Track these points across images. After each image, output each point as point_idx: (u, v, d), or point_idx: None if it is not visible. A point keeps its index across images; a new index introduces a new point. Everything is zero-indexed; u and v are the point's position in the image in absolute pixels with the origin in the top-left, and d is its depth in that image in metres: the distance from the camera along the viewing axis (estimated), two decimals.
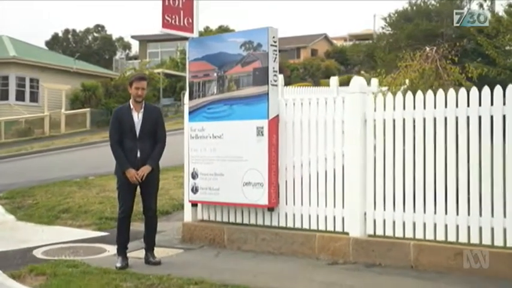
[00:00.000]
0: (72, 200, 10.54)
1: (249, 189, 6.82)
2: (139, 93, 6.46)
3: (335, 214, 6.38)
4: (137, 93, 6.46)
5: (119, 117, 6.52)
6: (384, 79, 8.80)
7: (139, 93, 6.46)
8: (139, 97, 6.48)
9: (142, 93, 6.48)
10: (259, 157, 6.75)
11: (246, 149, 6.86)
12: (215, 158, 7.16)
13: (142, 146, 6.45)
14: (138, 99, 6.49)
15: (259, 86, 6.77)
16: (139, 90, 6.46)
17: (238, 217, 7.17)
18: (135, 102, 6.52)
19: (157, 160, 6.55)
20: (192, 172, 7.39)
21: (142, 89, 6.48)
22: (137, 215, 7.53)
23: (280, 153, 6.80)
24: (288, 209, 6.75)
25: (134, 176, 6.32)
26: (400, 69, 8.67)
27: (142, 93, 6.48)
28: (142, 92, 6.48)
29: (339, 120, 6.40)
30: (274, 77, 6.78)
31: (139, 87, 6.47)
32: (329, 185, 6.43)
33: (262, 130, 6.73)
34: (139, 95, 6.46)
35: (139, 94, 6.46)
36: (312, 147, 6.60)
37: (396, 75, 8.60)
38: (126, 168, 6.35)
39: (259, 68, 6.79)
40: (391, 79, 8.47)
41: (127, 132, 6.47)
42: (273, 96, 6.76)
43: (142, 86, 6.49)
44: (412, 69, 8.17)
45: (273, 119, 6.75)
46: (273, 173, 6.73)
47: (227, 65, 7.07)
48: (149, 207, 6.59)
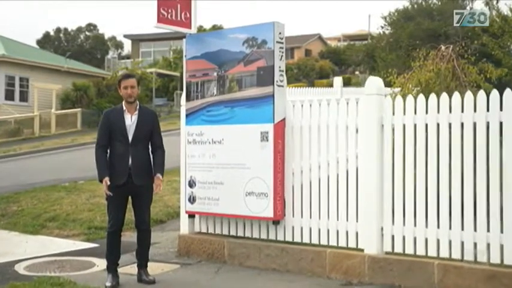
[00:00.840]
0: (59, 207, 9.90)
1: (252, 200, 6.21)
2: (129, 93, 5.85)
3: (348, 228, 5.78)
4: (127, 93, 5.85)
5: (109, 120, 5.91)
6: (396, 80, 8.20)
7: (129, 92, 5.85)
8: (130, 97, 5.86)
9: (132, 92, 5.87)
10: (263, 165, 6.15)
11: (249, 155, 6.26)
12: (215, 165, 6.55)
13: (134, 153, 5.84)
14: (130, 99, 5.88)
15: (263, 86, 6.17)
16: (128, 89, 5.85)
17: (239, 230, 6.56)
18: (128, 103, 5.91)
19: (164, 168, 5.94)
20: (189, 180, 6.78)
21: (131, 88, 5.87)
22: (129, 224, 6.93)
23: (287, 160, 6.20)
24: (295, 222, 6.15)
25: (105, 188, 5.72)
26: (414, 69, 8.09)
27: (132, 92, 5.86)
28: (132, 91, 5.86)
29: (353, 125, 5.80)
30: (280, 76, 6.18)
31: (127, 86, 5.86)
32: (341, 196, 5.83)
33: (267, 135, 6.12)
34: (129, 94, 5.85)
35: (129, 93, 5.85)
36: (322, 154, 6.00)
37: (409, 76, 8.02)
38: (102, 177, 5.75)
39: (263, 67, 6.19)
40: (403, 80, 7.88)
41: (118, 137, 5.86)
42: (279, 98, 6.15)
43: (130, 84, 5.88)
44: (427, 69, 7.59)
45: (279, 123, 6.14)
46: (278, 182, 6.12)
47: (228, 64, 6.47)
48: (142, 221, 5.97)
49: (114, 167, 5.83)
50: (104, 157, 5.85)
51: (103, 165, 5.81)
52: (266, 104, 6.14)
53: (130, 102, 5.90)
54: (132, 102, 5.91)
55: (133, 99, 5.90)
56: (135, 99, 5.93)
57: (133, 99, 5.90)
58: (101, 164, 5.82)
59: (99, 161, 5.83)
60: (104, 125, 5.92)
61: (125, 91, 5.86)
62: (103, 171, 5.78)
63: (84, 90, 32.15)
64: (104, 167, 5.80)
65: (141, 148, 5.90)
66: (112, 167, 5.83)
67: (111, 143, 5.90)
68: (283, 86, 6.24)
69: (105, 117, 5.97)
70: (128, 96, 5.86)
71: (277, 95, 6.12)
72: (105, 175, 5.74)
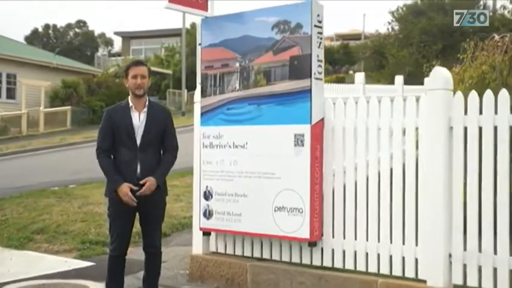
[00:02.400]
0: (49, 217, 8.76)
1: (283, 217, 5.15)
2: (139, 83, 4.78)
3: (405, 254, 4.72)
4: (136, 84, 4.78)
5: (112, 119, 4.84)
6: None
7: (139, 82, 4.78)
8: (139, 89, 4.80)
9: (142, 83, 4.80)
10: (297, 174, 5.08)
11: (279, 163, 5.19)
12: (236, 174, 5.48)
13: (144, 158, 4.78)
14: (138, 92, 4.81)
15: (298, 79, 5.10)
16: (137, 79, 4.78)
17: (265, 251, 5.49)
18: (135, 97, 4.84)
19: (165, 175, 4.89)
20: (204, 191, 5.70)
21: (142, 77, 4.80)
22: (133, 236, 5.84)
23: (326, 169, 5.14)
24: (336, 244, 5.09)
25: (128, 195, 4.64)
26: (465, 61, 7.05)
27: (142, 82, 4.80)
28: (142, 82, 4.80)
29: (411, 128, 4.74)
30: (318, 67, 5.12)
31: (137, 75, 4.79)
32: (396, 214, 4.77)
33: (303, 139, 5.06)
34: (138, 84, 4.78)
35: (138, 84, 4.78)
36: (372, 163, 4.93)
37: (460, 70, 6.98)
38: (118, 184, 4.69)
39: (298, 56, 5.13)
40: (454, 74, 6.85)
41: (124, 139, 4.80)
42: (317, 94, 5.10)
43: (141, 73, 4.81)
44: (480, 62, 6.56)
45: (317, 124, 5.09)
46: (316, 195, 5.06)
47: (254, 53, 5.40)
48: (152, 242, 4.90)
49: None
50: (110, 162, 4.82)
51: (112, 170, 4.79)
52: (301, 100, 5.07)
53: (139, 95, 4.83)
54: (141, 95, 4.84)
55: (142, 91, 4.83)
56: (144, 92, 4.86)
57: (143, 92, 4.84)
58: (110, 169, 4.80)
59: (106, 168, 4.81)
60: (106, 126, 4.85)
61: (133, 81, 4.79)
62: (116, 178, 4.75)
63: (74, 87, 31.14)
64: (113, 172, 4.79)
65: (151, 153, 4.84)
66: None
67: (114, 148, 4.83)
68: (322, 79, 5.18)
69: (107, 116, 4.89)
70: (136, 88, 4.79)
71: (315, 89, 5.06)
72: (120, 181, 4.71)
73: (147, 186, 4.69)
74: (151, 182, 4.71)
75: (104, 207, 8.89)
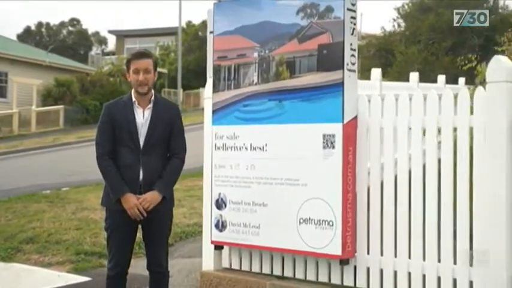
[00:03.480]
0: (39, 224, 8.02)
1: (310, 230, 4.45)
2: (141, 79, 4.06)
3: (456, 275, 4.03)
4: (138, 80, 4.07)
5: (112, 116, 4.14)
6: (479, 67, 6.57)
7: (141, 78, 4.06)
8: (142, 86, 4.08)
9: (146, 80, 4.09)
10: (326, 181, 4.39)
11: (304, 167, 4.50)
12: (254, 180, 4.78)
13: (147, 162, 4.08)
14: (142, 90, 4.10)
15: (328, 71, 4.41)
16: (140, 75, 4.06)
17: (287, 268, 4.79)
18: (139, 94, 4.13)
19: (173, 185, 4.19)
20: (217, 199, 5.00)
21: (145, 72, 4.09)
22: None
23: (359, 175, 4.45)
24: (372, 262, 4.39)
25: (136, 207, 3.94)
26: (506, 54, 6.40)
27: (145, 79, 4.08)
28: (145, 78, 4.08)
29: (464, 126, 4.05)
30: (351, 58, 4.43)
31: (139, 69, 4.08)
32: (445, 227, 4.08)
33: (333, 140, 4.36)
34: (141, 82, 4.07)
35: (141, 81, 4.07)
36: (415, 169, 4.24)
37: None
38: (123, 193, 3.99)
39: (328, 45, 4.44)
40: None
41: (125, 139, 4.10)
42: (351, 88, 4.40)
43: (144, 67, 4.09)
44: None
45: (350, 122, 4.39)
46: (348, 205, 4.37)
47: (275, 41, 4.71)
48: (156, 261, 4.20)
49: None
50: (112, 166, 4.09)
51: (116, 176, 4.06)
52: (332, 95, 4.38)
53: (143, 93, 4.12)
54: (144, 93, 4.13)
55: (146, 89, 4.12)
56: (149, 89, 4.15)
57: (147, 89, 4.13)
58: (114, 175, 4.07)
59: (109, 173, 4.09)
60: (106, 123, 4.14)
61: (135, 77, 4.08)
62: (121, 185, 4.03)
63: (67, 86, 30.43)
64: (118, 179, 4.06)
65: (156, 157, 4.13)
66: None
67: (115, 150, 4.13)
68: (355, 71, 4.48)
69: (106, 111, 4.18)
70: (139, 85, 4.09)
71: (348, 83, 4.37)
72: (125, 189, 4.01)
73: (147, 199, 3.99)
74: (153, 197, 4.01)
75: (100, 213, 8.20)
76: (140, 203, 3.98)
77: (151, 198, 4.01)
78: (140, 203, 3.98)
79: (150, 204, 3.98)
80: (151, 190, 4.03)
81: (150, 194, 4.01)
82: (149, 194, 4.01)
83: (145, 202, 3.98)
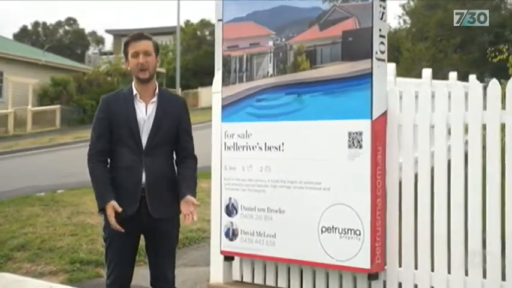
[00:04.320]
0: (32, 230, 7.49)
1: (333, 239, 3.96)
2: (141, 62, 3.53)
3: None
4: (137, 63, 3.54)
5: (110, 110, 3.62)
6: None
7: (141, 61, 3.53)
8: (143, 71, 3.55)
9: (146, 63, 3.55)
10: (352, 185, 3.89)
11: (327, 169, 4.00)
12: (269, 184, 4.28)
13: (151, 164, 3.56)
14: (143, 76, 3.56)
15: (354, 61, 3.91)
16: (139, 57, 3.53)
17: (307, 283, 4.29)
18: (140, 83, 3.62)
19: (196, 186, 3.67)
20: (227, 205, 4.49)
21: (145, 54, 3.56)
22: None
23: (390, 178, 3.94)
24: (405, 276, 3.90)
25: (113, 221, 3.42)
26: None
27: (146, 61, 3.55)
28: (146, 61, 3.55)
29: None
30: (380, 45, 3.93)
31: (139, 51, 3.55)
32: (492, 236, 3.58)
33: (360, 138, 3.86)
34: (141, 65, 3.54)
35: (141, 63, 3.53)
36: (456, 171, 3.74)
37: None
38: (105, 201, 3.46)
39: (353, 31, 3.94)
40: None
41: (125, 138, 3.58)
42: (380, 79, 3.91)
43: (143, 49, 3.56)
44: None
45: (379, 119, 3.89)
46: (378, 212, 3.87)
47: (293, 28, 4.20)
48: (163, 277, 3.69)
49: (119, 188, 3.55)
50: (103, 171, 3.57)
51: (104, 183, 3.53)
52: (359, 88, 3.88)
53: (144, 80, 3.59)
54: (146, 80, 3.61)
55: (147, 74, 3.58)
56: (151, 75, 3.62)
57: (148, 75, 3.59)
58: (100, 181, 3.54)
59: (97, 178, 3.55)
60: (102, 120, 3.63)
61: (135, 60, 3.56)
62: (105, 193, 3.50)
63: (64, 85, 29.83)
64: (105, 186, 3.52)
65: (161, 157, 3.62)
66: (115, 188, 3.54)
67: (113, 149, 3.61)
68: (385, 60, 3.98)
69: (104, 105, 3.67)
70: (140, 70, 3.56)
71: (377, 74, 3.87)
72: (110, 198, 3.46)
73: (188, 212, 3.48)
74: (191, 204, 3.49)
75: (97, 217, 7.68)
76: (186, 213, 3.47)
77: (192, 208, 3.50)
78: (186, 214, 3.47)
79: (194, 215, 3.47)
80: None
81: (189, 204, 3.49)
82: (189, 206, 3.48)
83: (189, 216, 3.47)
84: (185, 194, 3.52)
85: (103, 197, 3.46)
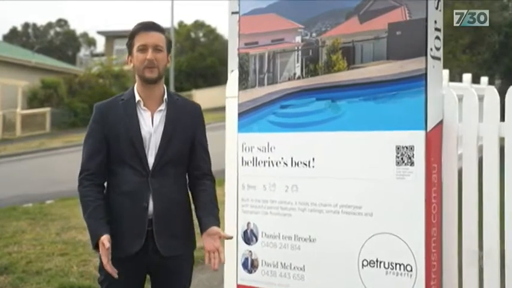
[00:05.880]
0: (17, 248, 6.80)
1: (377, 275, 3.26)
2: (150, 58, 2.85)
3: None
4: (145, 60, 2.86)
5: (106, 121, 2.94)
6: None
7: (149, 57, 2.85)
8: (151, 69, 2.87)
9: (156, 59, 2.87)
10: (402, 210, 3.20)
11: (369, 191, 3.31)
12: (297, 206, 3.58)
13: (159, 188, 2.88)
14: (150, 75, 2.89)
15: (403, 59, 3.22)
16: (148, 52, 2.86)
17: None
18: (145, 85, 2.93)
19: (218, 214, 2.99)
20: (244, 230, 3.79)
21: (155, 50, 2.88)
22: None
23: (447, 203, 3.26)
24: None
25: (105, 261, 2.73)
26: None
27: (155, 57, 2.87)
28: (155, 56, 2.87)
29: None
30: (436, 40, 3.24)
31: (147, 45, 2.86)
32: None
33: (412, 154, 3.17)
34: (149, 62, 2.86)
35: (149, 60, 2.86)
36: None
37: None
38: (97, 235, 2.75)
39: (403, 24, 3.24)
40: None
41: (126, 156, 2.89)
42: (435, 82, 3.22)
43: (153, 43, 2.88)
44: None
45: (435, 129, 3.21)
46: (433, 244, 3.18)
47: (326, 20, 3.51)
48: None
49: (119, 219, 2.85)
50: (96, 198, 2.87)
51: (97, 213, 2.82)
52: (410, 92, 3.19)
53: (151, 80, 2.90)
54: (153, 81, 2.91)
55: (156, 74, 2.90)
56: (160, 75, 2.93)
57: (157, 74, 2.91)
58: (93, 211, 2.84)
59: (88, 207, 2.85)
60: (95, 132, 2.93)
61: (141, 55, 2.87)
62: (98, 226, 2.78)
63: (54, 87, 29.20)
64: (99, 217, 2.81)
65: (172, 180, 2.94)
66: (115, 219, 2.84)
67: (111, 170, 2.91)
68: (441, 58, 3.30)
69: (98, 115, 2.97)
70: (146, 66, 2.86)
71: (432, 75, 3.18)
72: (102, 232, 2.74)
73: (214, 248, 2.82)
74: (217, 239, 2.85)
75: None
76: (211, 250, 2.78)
77: (218, 245, 2.82)
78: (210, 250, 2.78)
79: (222, 255, 2.79)
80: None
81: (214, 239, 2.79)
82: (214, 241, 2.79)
83: (215, 255, 2.79)
84: (208, 224, 2.84)
85: (95, 232, 2.76)
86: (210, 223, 2.84)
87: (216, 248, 2.78)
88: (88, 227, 2.81)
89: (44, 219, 8.35)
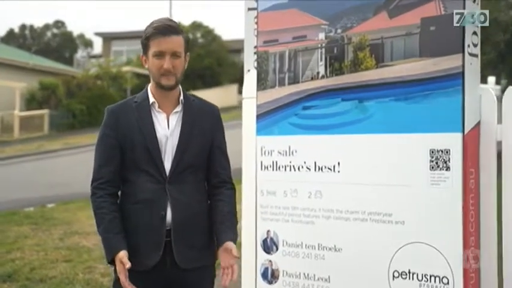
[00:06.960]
0: (20, 255, 6.58)
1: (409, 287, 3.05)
2: (167, 68, 2.66)
3: None
4: (160, 68, 2.67)
5: (119, 125, 2.72)
6: None
7: (167, 66, 2.66)
8: (168, 77, 2.68)
9: (174, 67, 2.68)
10: (437, 218, 2.99)
11: (400, 198, 3.10)
12: (321, 213, 3.37)
13: (178, 195, 2.67)
14: (167, 83, 2.70)
15: (438, 56, 3.01)
16: (165, 59, 2.66)
17: None
18: (161, 90, 2.71)
19: (236, 225, 2.82)
20: (264, 239, 3.58)
21: (173, 56, 2.68)
22: None
23: (486, 210, 3.05)
24: None
25: (122, 278, 2.51)
26: None
27: (174, 66, 2.68)
28: (174, 64, 2.68)
29: None
30: (473, 37, 3.04)
31: (164, 52, 2.66)
32: None
33: (447, 158, 2.97)
34: (166, 70, 2.67)
35: (166, 69, 2.67)
36: None
37: None
38: (114, 251, 2.55)
39: (437, 18, 3.04)
40: None
41: (141, 162, 2.67)
42: (473, 81, 3.02)
43: (172, 49, 2.67)
44: None
45: (472, 132, 3.00)
46: (472, 254, 2.96)
47: (352, 15, 3.30)
48: None
49: (135, 230, 2.64)
50: (111, 209, 2.64)
51: (112, 225, 2.60)
52: (445, 92, 2.98)
53: (168, 88, 2.69)
54: (170, 88, 2.70)
55: (173, 82, 2.70)
56: (177, 81, 2.72)
57: (175, 82, 2.71)
58: (107, 223, 2.62)
59: (102, 218, 2.62)
60: (108, 138, 2.72)
61: (157, 62, 2.67)
62: (113, 240, 2.58)
63: (52, 89, 29.01)
64: (114, 229, 2.59)
65: (191, 187, 2.73)
66: (130, 230, 2.63)
67: (125, 177, 2.70)
68: (478, 55, 3.09)
69: (110, 119, 2.75)
70: (162, 74, 2.66)
71: (469, 73, 2.98)
72: (120, 247, 2.53)
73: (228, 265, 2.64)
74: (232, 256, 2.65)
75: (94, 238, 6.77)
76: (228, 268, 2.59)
77: (233, 261, 2.61)
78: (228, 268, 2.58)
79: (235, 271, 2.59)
80: (224, 247, 2.63)
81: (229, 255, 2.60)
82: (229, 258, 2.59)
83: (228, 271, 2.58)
84: (224, 240, 2.63)
85: (111, 246, 2.55)
86: (226, 238, 2.65)
87: (230, 265, 2.59)
88: (103, 241, 2.60)
89: (46, 223, 8.14)
